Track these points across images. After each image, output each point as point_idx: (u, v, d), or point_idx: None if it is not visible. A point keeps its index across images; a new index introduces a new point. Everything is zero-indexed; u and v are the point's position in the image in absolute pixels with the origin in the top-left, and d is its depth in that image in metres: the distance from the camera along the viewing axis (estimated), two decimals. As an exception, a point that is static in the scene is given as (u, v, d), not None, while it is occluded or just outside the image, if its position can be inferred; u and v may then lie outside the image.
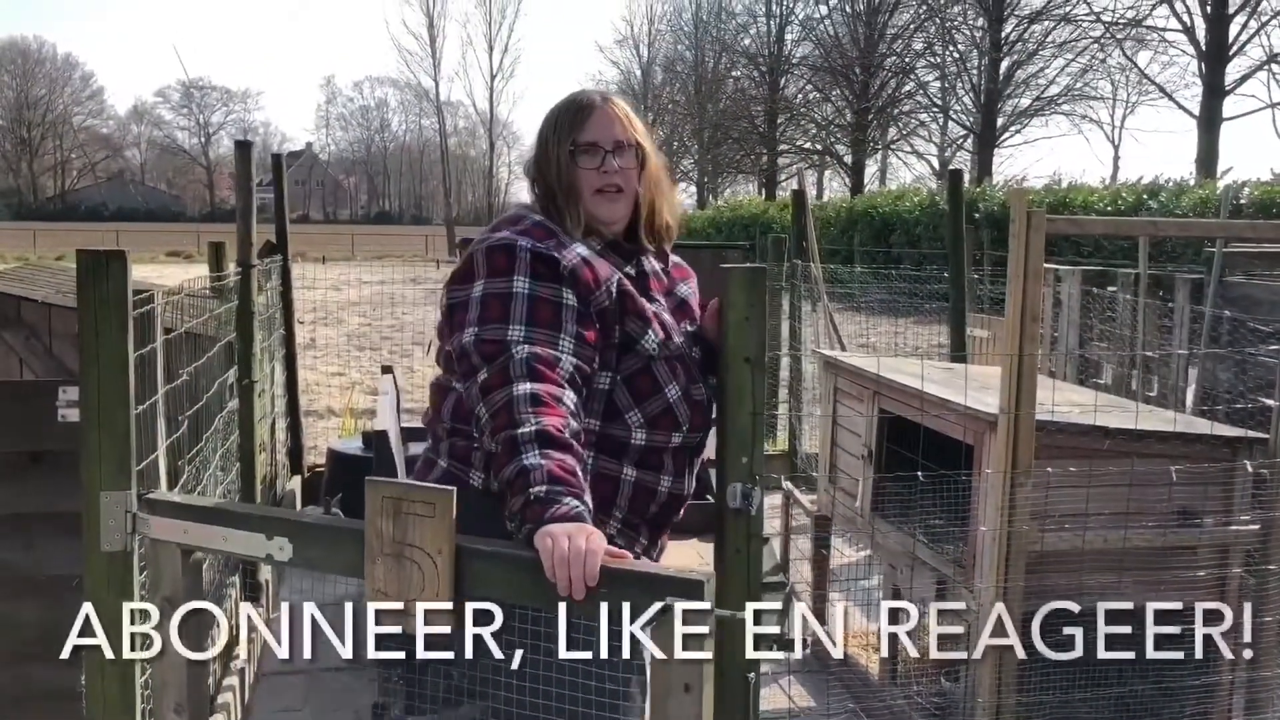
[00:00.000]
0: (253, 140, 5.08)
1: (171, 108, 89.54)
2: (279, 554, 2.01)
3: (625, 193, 2.08)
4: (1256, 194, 16.01)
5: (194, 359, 3.88)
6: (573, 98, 2.11)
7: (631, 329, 2.02)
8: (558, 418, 1.81)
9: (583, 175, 2.06)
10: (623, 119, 2.09)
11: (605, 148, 2.06)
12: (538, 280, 1.95)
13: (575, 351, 1.93)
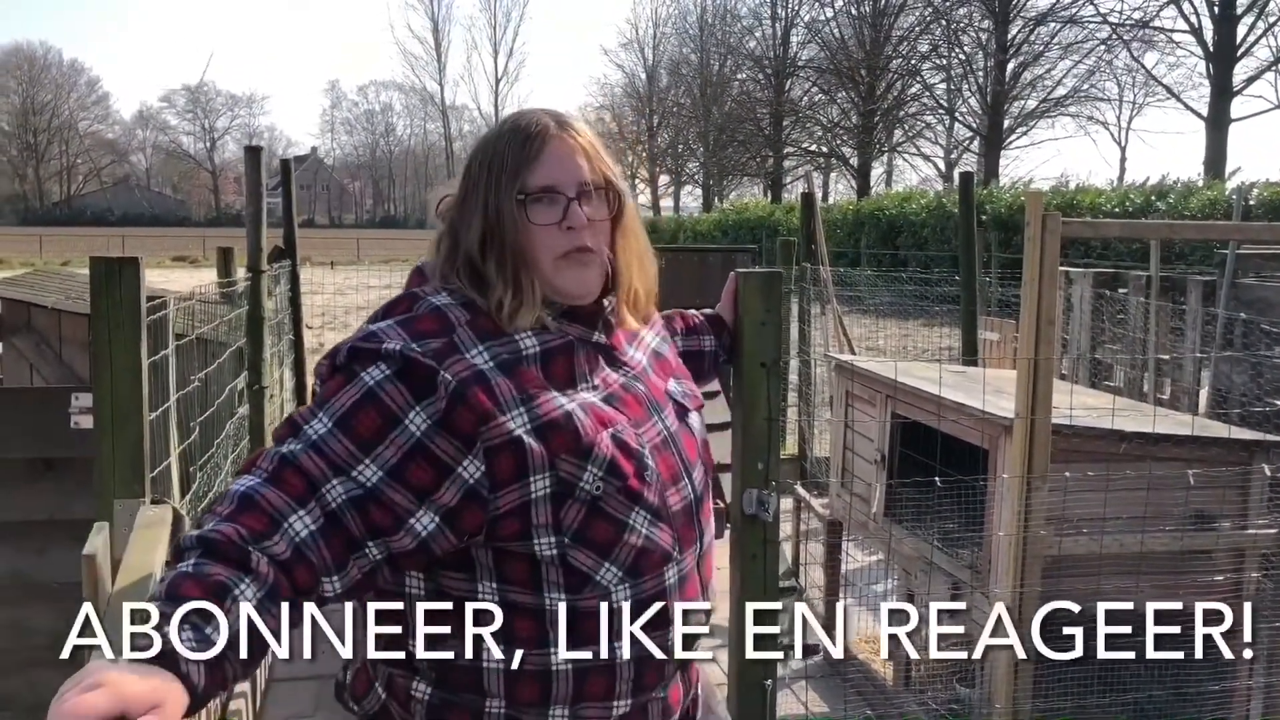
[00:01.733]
0: (261, 147, 5.09)
1: (177, 113, 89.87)
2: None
3: (597, 253, 1.47)
4: (1266, 195, 15.97)
5: (205, 365, 3.87)
6: (515, 121, 1.49)
7: (565, 471, 1.38)
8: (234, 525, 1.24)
9: (539, 235, 1.43)
10: (588, 149, 1.48)
11: (567, 193, 1.44)
12: (390, 382, 1.34)
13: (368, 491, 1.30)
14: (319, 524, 1.27)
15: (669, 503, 1.46)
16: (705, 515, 1.54)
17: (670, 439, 1.50)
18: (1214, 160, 28.44)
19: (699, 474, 1.54)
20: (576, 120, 1.52)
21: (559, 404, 1.40)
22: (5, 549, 2.96)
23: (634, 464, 1.42)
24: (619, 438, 1.42)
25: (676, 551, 1.46)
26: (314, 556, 1.26)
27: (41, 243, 42.42)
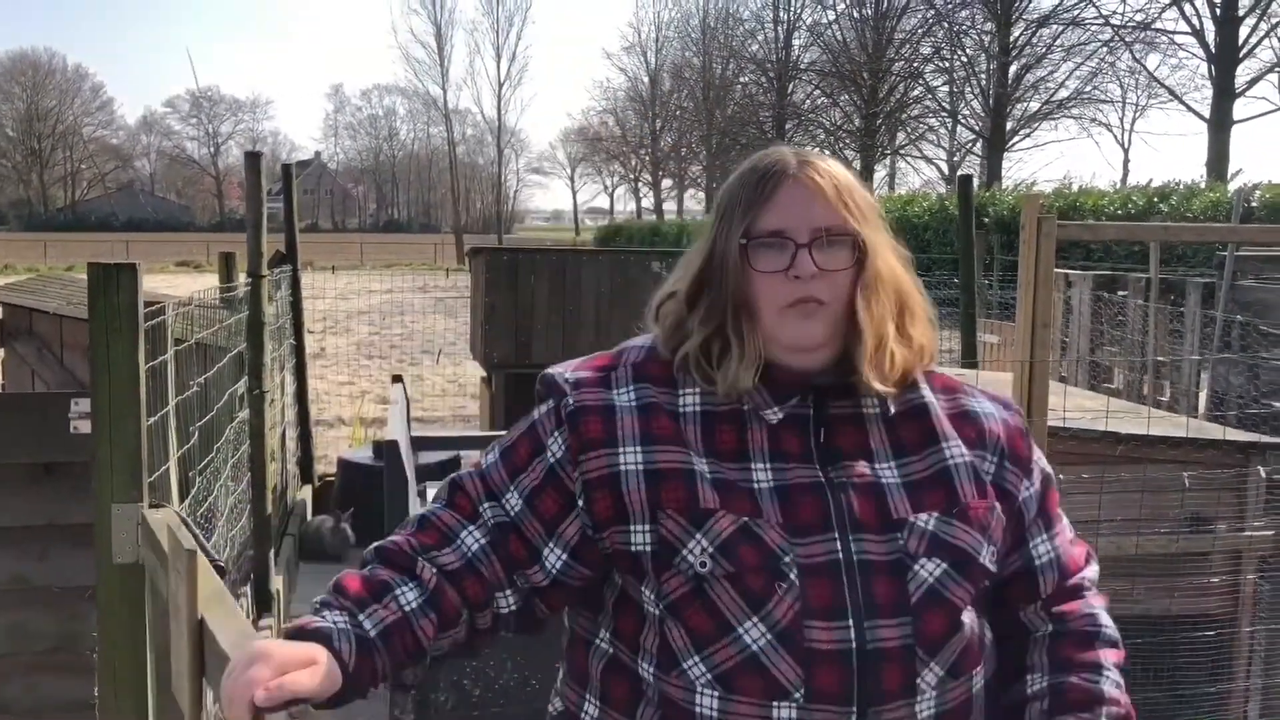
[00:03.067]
0: (262, 150, 5.10)
1: (181, 118, 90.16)
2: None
3: (828, 305, 1.28)
4: (1268, 196, 15.95)
5: (205, 369, 3.89)
6: (755, 161, 1.35)
7: (669, 530, 1.25)
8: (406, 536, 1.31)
9: (761, 284, 1.28)
10: (830, 191, 1.30)
11: (797, 239, 1.27)
12: (545, 412, 1.36)
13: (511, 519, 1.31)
14: (488, 538, 1.30)
15: (809, 636, 1.20)
16: (887, 686, 1.20)
17: (851, 568, 1.22)
18: (1216, 162, 28.41)
19: (895, 634, 1.21)
20: (823, 160, 1.35)
21: (688, 461, 1.26)
22: (6, 553, 2.97)
23: (762, 561, 1.22)
24: (751, 529, 1.23)
25: (794, 700, 1.20)
26: (485, 569, 1.28)
27: (46, 248, 42.54)
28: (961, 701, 1.26)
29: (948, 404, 1.36)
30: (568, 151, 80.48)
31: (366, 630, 1.20)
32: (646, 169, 64.24)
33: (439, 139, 76.85)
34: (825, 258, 1.28)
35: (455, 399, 11.06)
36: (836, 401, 1.30)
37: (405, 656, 1.23)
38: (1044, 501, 1.38)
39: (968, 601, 1.26)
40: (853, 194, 1.32)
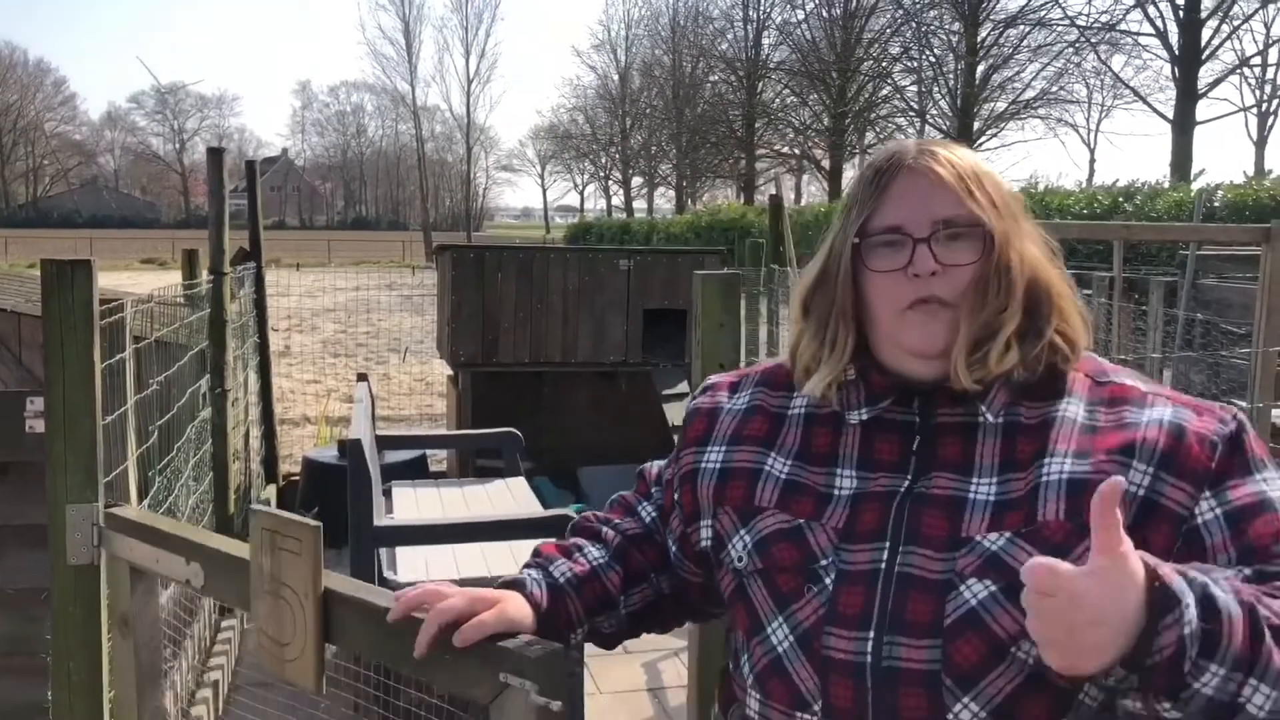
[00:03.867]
0: (225, 147, 5.05)
1: (146, 114, 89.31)
2: (195, 580, 1.82)
3: (952, 306, 1.17)
4: (1230, 196, 16.15)
5: (166, 368, 3.84)
6: (875, 155, 1.26)
7: (721, 525, 1.28)
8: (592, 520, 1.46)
9: (878, 284, 1.20)
10: (954, 182, 1.19)
11: (915, 235, 1.17)
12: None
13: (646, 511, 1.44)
14: (655, 514, 1.42)
15: (826, 644, 1.14)
16: (906, 715, 1.10)
17: (890, 580, 1.13)
18: (1180, 162, 28.74)
19: (919, 655, 1.11)
20: (948, 147, 1.23)
21: (761, 461, 1.26)
22: (-40, 555, 2.92)
23: (798, 562, 1.19)
24: (799, 530, 1.20)
25: (813, 711, 1.15)
26: (659, 538, 1.40)
27: (6, 245, 41.95)
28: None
29: (1106, 414, 1.17)
30: (537, 149, 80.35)
31: (556, 579, 1.32)
32: (616, 167, 64.20)
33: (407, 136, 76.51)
34: (947, 252, 1.17)
35: (422, 398, 11.00)
36: (948, 409, 1.19)
37: (596, 604, 1.34)
38: (1241, 525, 1.09)
39: (1015, 633, 1.07)
40: (980, 181, 1.20)
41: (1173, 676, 0.94)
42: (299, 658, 1.53)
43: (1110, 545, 0.93)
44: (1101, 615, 0.92)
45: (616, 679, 4.01)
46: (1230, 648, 0.95)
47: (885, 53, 39.48)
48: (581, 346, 6.63)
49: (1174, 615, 0.93)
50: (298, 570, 1.51)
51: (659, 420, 6.68)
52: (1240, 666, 0.95)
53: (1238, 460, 1.12)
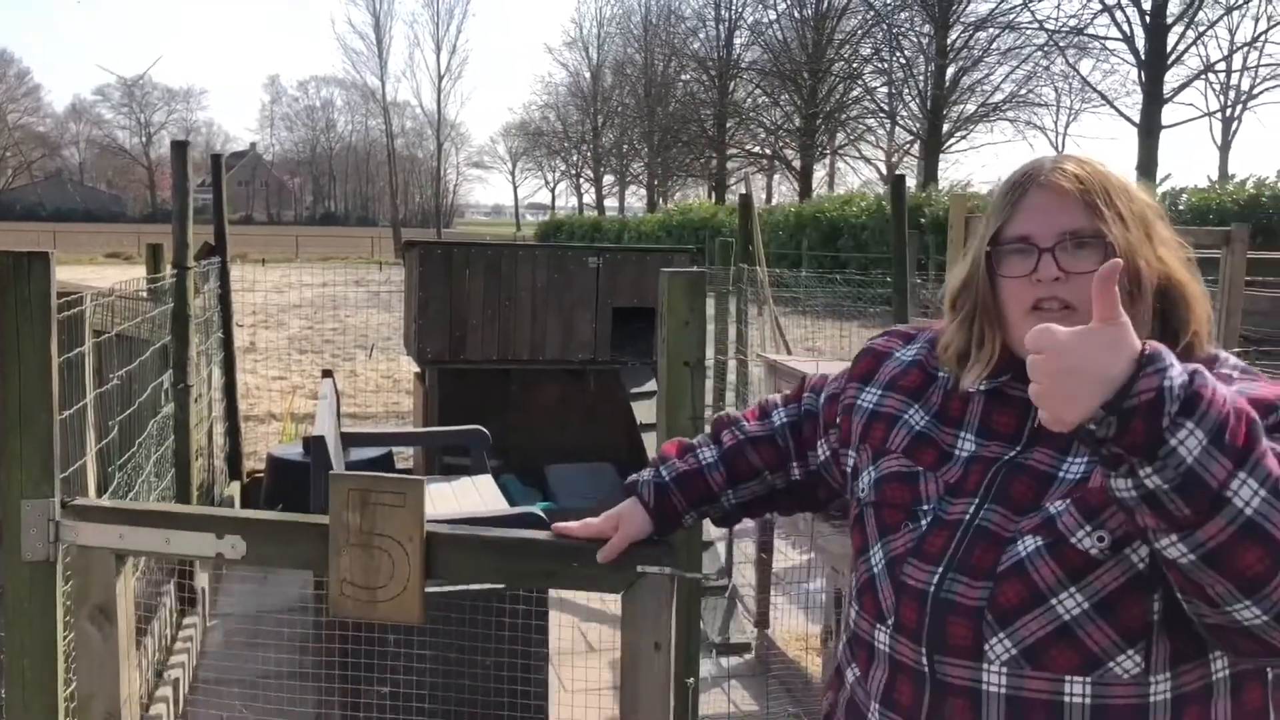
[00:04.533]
0: (189, 141, 5.00)
1: (112, 106, 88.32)
2: (231, 552, 1.94)
3: (1075, 309, 1.27)
4: (1194, 200, 16.36)
5: (127, 362, 3.80)
6: (1015, 169, 1.40)
7: (859, 460, 1.48)
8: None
9: (1008, 288, 1.33)
10: (1082, 194, 1.30)
11: (1040, 244, 1.30)
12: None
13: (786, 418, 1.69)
14: (792, 420, 1.68)
15: (906, 572, 1.33)
16: (952, 640, 1.27)
17: (969, 529, 1.30)
18: (1146, 166, 29.07)
19: (972, 593, 1.27)
20: (1083, 163, 1.35)
21: (905, 410, 1.45)
22: (-87, 551, 2.87)
23: (906, 501, 1.37)
24: (917, 476, 1.37)
25: (888, 625, 1.34)
26: (781, 442, 1.67)
27: (-31, 238, 41.38)
28: (1045, 703, 1.22)
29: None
30: (509, 146, 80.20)
31: (664, 478, 1.68)
32: (588, 165, 64.17)
33: (377, 131, 76.13)
34: (1071, 261, 1.28)
35: (390, 395, 10.94)
36: None
37: (698, 498, 1.68)
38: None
39: (1053, 584, 1.22)
40: (1109, 194, 1.31)
41: (1151, 427, 1.01)
42: (400, 594, 1.81)
43: (1104, 314, 1.05)
44: (1082, 363, 1.03)
45: (582, 677, 4.01)
46: (1209, 413, 1.00)
47: (856, 54, 39.71)
48: (550, 344, 6.62)
49: (1156, 367, 1.02)
50: (400, 520, 1.80)
51: (627, 418, 6.68)
52: (1226, 450, 1.01)
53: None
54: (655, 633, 1.84)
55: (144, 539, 2.03)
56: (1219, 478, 1.01)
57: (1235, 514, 1.01)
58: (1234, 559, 1.03)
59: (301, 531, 1.95)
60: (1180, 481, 1.01)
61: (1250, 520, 1.01)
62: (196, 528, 1.98)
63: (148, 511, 2.10)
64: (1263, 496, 1.01)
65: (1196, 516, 1.02)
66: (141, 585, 3.65)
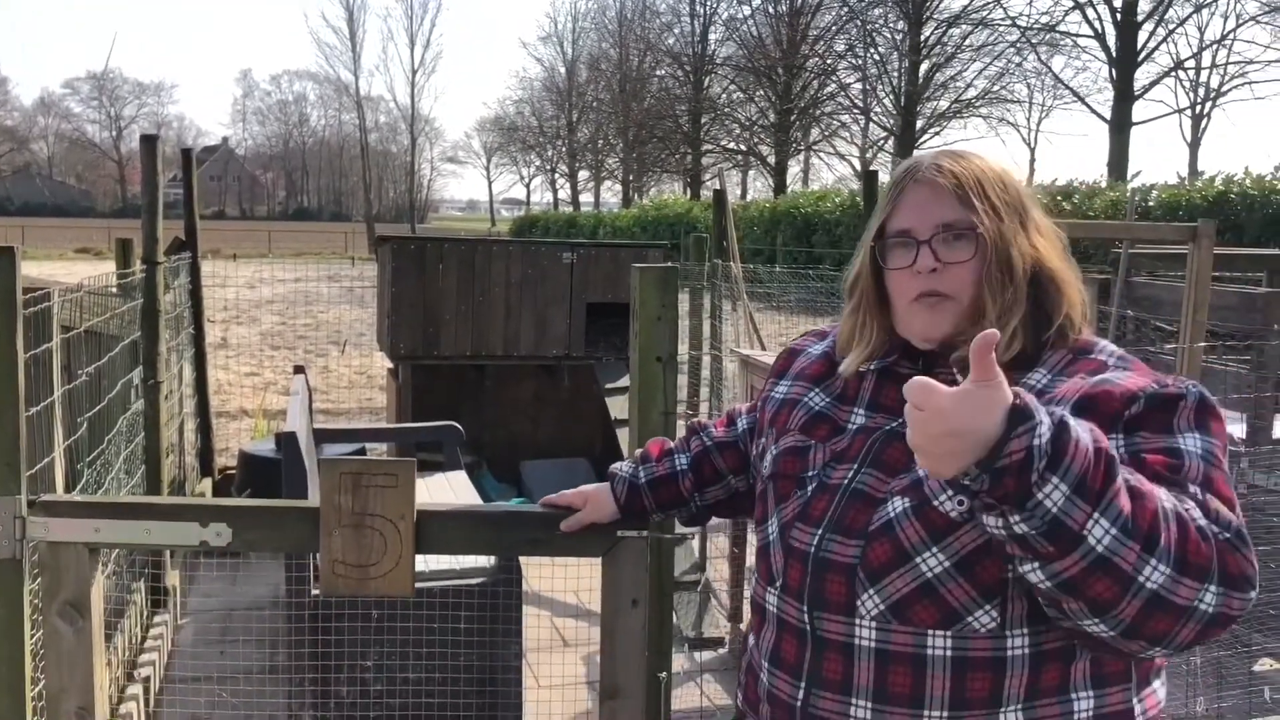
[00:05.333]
0: (160, 135, 4.95)
1: (81, 100, 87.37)
2: (216, 540, 1.99)
3: (952, 297, 1.39)
4: (1164, 197, 16.49)
5: (96, 359, 3.76)
6: (899, 166, 1.51)
7: (767, 440, 1.57)
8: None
9: (893, 280, 1.45)
10: (952, 190, 1.40)
11: (919, 237, 1.40)
12: None
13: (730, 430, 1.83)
14: (751, 424, 1.75)
15: (793, 535, 1.43)
16: (829, 596, 1.36)
17: (846, 493, 1.40)
18: (1117, 162, 29.30)
19: (847, 551, 1.36)
20: (960, 158, 1.44)
21: (807, 395, 1.55)
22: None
23: (796, 472, 1.48)
24: (808, 449, 1.48)
25: (776, 587, 1.44)
26: (743, 446, 1.77)
27: (-65, 233, 40.85)
28: (909, 655, 1.30)
29: (1063, 382, 1.34)
30: (483, 141, 79.93)
31: (640, 479, 1.82)
32: (563, 160, 64.04)
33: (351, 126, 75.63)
34: (947, 251, 1.39)
35: (363, 391, 10.89)
36: (944, 368, 1.40)
37: (668, 501, 1.81)
38: (1141, 460, 1.23)
39: (916, 543, 1.31)
40: (983, 187, 1.40)
41: (1021, 482, 1.08)
42: (393, 570, 1.94)
43: (981, 375, 1.10)
44: (961, 427, 1.09)
45: (555, 672, 4.01)
46: (1073, 467, 1.08)
47: (830, 50, 39.79)
48: (524, 340, 6.61)
49: (1026, 427, 1.08)
50: (391, 500, 1.93)
51: (602, 414, 6.68)
52: (1086, 496, 1.09)
53: (1161, 417, 1.27)
54: (634, 590, 2.03)
55: (123, 531, 2.04)
56: (1079, 522, 1.09)
57: (1089, 550, 1.10)
58: (1086, 587, 1.12)
59: (290, 515, 2.02)
60: (1045, 528, 1.09)
61: (1101, 556, 1.10)
62: (180, 517, 2.01)
63: (126, 504, 2.10)
64: (1113, 534, 1.10)
65: (1057, 553, 1.11)
66: (111, 584, 3.62)
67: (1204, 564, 1.13)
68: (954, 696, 1.29)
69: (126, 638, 3.79)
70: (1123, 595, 1.12)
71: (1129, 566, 1.11)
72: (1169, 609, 1.13)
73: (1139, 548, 1.10)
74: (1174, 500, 1.16)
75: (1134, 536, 1.10)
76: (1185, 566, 1.12)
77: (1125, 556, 1.10)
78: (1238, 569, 1.15)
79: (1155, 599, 1.12)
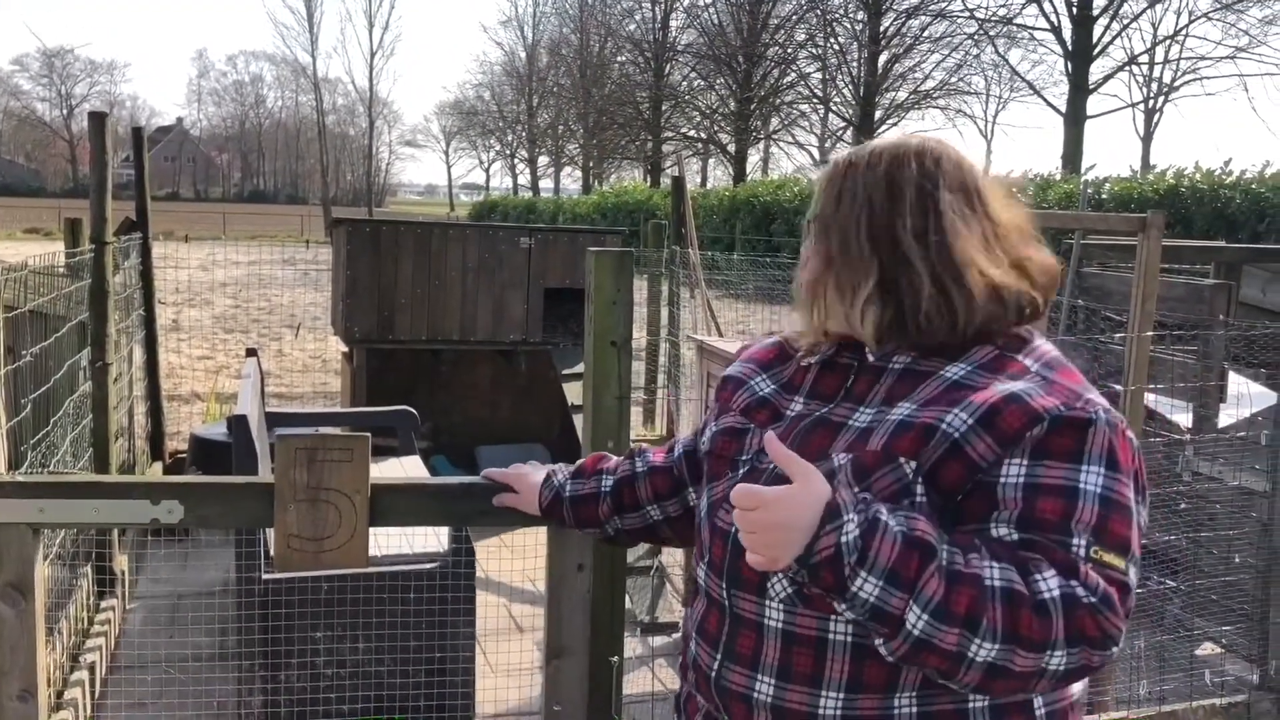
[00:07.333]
0: (110, 113, 4.86)
1: (31, 77, 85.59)
2: (167, 517, 1.98)
3: (804, 286, 1.48)
4: (1117, 189, 16.71)
5: (42, 339, 3.70)
6: None
7: (711, 417, 1.61)
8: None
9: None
10: (820, 184, 1.48)
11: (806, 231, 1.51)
12: None
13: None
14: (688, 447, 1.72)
15: (719, 515, 1.47)
16: (744, 575, 1.39)
17: (768, 477, 1.39)
18: (1072, 155, 29.63)
19: None
20: (844, 151, 1.49)
21: (754, 378, 1.57)
22: None
23: (731, 453, 1.51)
24: (746, 431, 1.50)
25: (704, 562, 1.50)
26: (677, 471, 1.73)
27: (-122, 211, 39.92)
28: (812, 638, 1.34)
29: (982, 378, 1.35)
30: (443, 125, 79.32)
31: (565, 492, 1.82)
32: (523, 145, 63.73)
33: (308, 108, 74.76)
34: (807, 246, 1.48)
35: (318, 375, 10.79)
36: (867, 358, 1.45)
37: (585, 521, 1.81)
38: (1035, 499, 1.25)
39: None
40: (843, 178, 1.44)
41: (836, 576, 1.19)
42: (348, 543, 1.98)
43: (793, 474, 1.23)
44: (785, 523, 1.20)
45: (509, 658, 4.01)
46: (878, 561, 1.18)
47: (791, 39, 39.83)
48: (480, 324, 6.58)
49: (834, 525, 1.19)
50: (348, 474, 1.96)
51: (559, 399, 6.67)
52: (900, 585, 1.18)
53: (1066, 444, 1.27)
54: (579, 555, 2.11)
55: (69, 510, 2.02)
56: (898, 609, 1.18)
57: (908, 634, 1.19)
58: (921, 662, 1.22)
59: (244, 491, 2.05)
60: (868, 615, 1.20)
61: (919, 638, 1.19)
62: (129, 495, 2.00)
63: (72, 483, 2.06)
64: (925, 619, 1.18)
65: (889, 634, 1.21)
66: (57, 568, 3.57)
67: (1039, 638, 1.17)
68: (851, 680, 1.33)
69: (73, 623, 3.74)
70: (957, 668, 1.19)
71: (952, 646, 1.18)
72: (1011, 675, 1.19)
73: (959, 630, 1.17)
74: (1010, 576, 1.19)
75: (951, 621, 1.17)
76: (1017, 641, 1.17)
77: (945, 639, 1.18)
78: (1097, 630, 1.19)
79: (993, 669, 1.19)
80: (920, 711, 1.32)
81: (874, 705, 1.32)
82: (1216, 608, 3.84)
